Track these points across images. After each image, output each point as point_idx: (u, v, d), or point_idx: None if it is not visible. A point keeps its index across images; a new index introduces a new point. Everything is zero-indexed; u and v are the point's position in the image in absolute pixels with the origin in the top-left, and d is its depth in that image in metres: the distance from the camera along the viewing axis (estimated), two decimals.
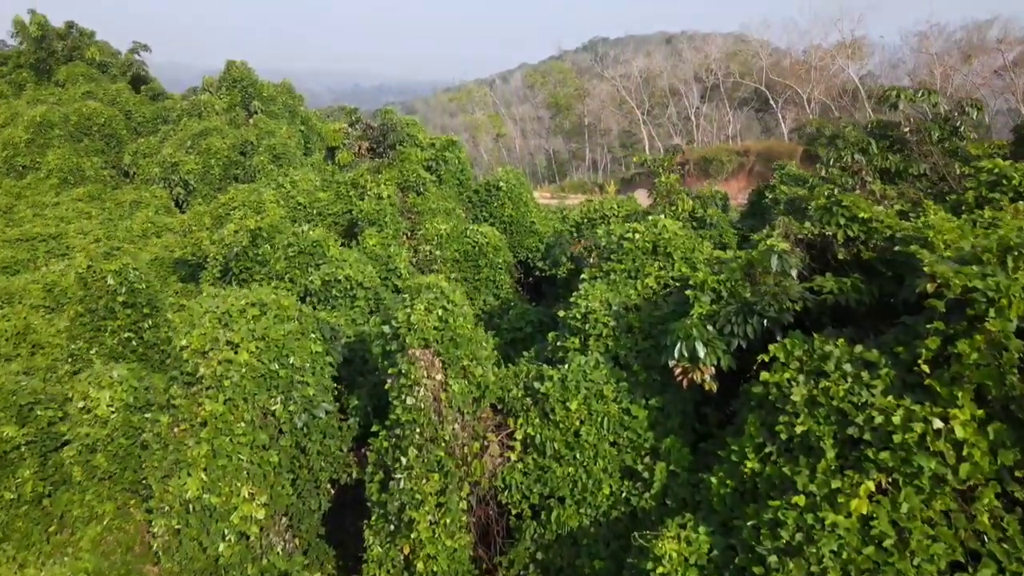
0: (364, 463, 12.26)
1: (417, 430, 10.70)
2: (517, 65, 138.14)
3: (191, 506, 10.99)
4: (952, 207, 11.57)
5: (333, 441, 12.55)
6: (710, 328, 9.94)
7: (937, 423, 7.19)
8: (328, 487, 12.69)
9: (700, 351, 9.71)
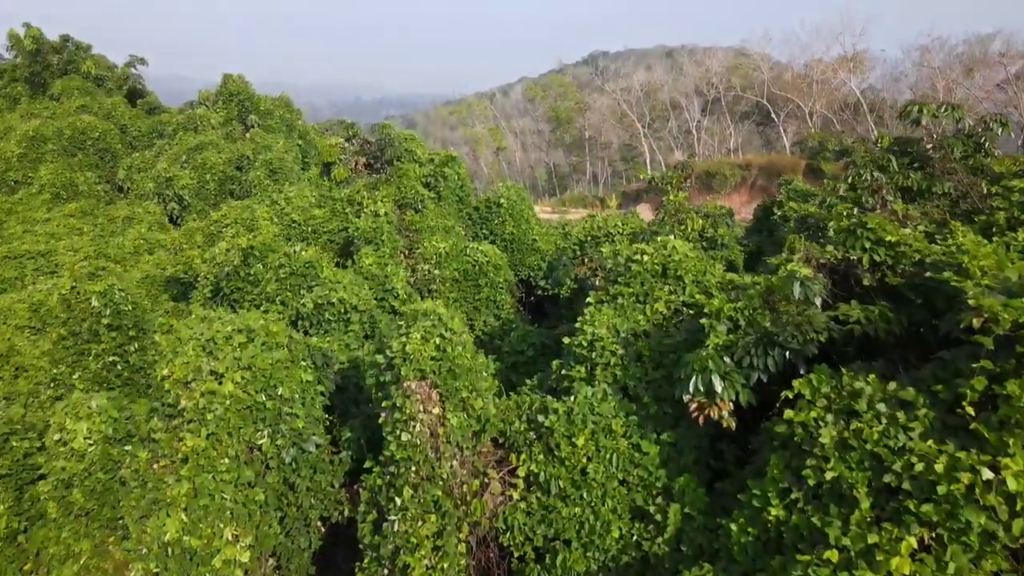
0: (357, 499, 11.55)
1: (412, 468, 9.99)
2: (518, 78, 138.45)
3: (170, 549, 10.22)
4: (982, 228, 10.90)
5: (324, 476, 11.85)
6: (727, 360, 9.25)
7: (987, 473, 6.49)
8: (319, 525, 11.99)
9: (717, 385, 9.02)
